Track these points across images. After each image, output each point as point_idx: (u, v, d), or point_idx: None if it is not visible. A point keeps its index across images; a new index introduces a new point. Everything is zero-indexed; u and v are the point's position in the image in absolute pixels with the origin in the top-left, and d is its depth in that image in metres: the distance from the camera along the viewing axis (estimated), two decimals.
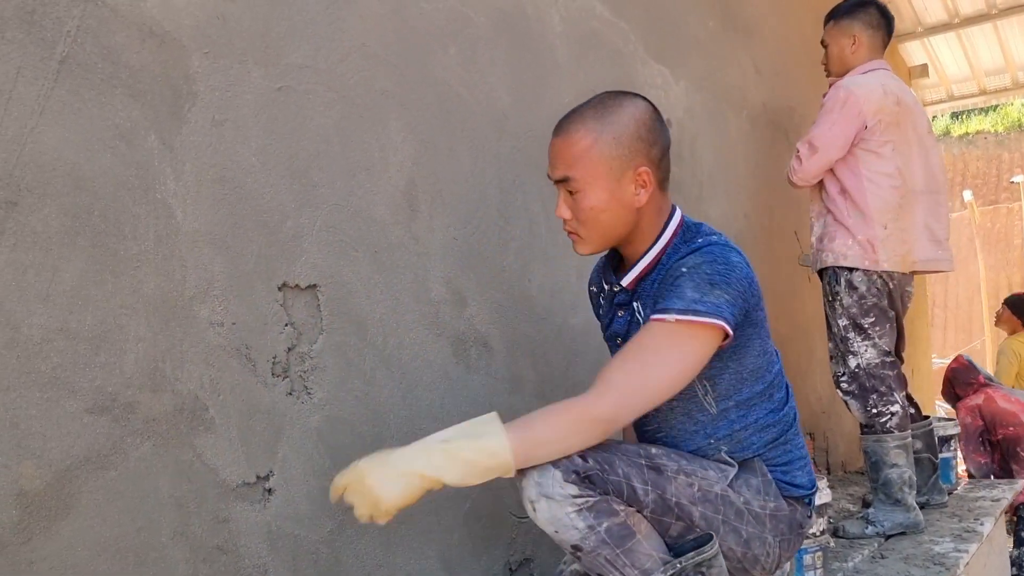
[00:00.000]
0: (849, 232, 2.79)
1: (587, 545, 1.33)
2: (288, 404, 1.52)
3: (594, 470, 1.34)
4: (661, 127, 1.55)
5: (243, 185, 1.48)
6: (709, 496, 1.45)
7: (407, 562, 1.72)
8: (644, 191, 1.50)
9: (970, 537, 2.64)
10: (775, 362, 1.61)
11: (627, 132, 1.48)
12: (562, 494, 1.31)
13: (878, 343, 2.76)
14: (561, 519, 1.32)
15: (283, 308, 1.53)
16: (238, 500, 1.42)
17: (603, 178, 1.47)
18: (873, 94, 2.77)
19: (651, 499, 1.39)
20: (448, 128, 1.94)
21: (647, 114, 1.53)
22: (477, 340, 1.96)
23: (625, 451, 1.41)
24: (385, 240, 1.75)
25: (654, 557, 1.35)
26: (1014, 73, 6.46)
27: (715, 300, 1.38)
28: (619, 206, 1.50)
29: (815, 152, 2.78)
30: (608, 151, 1.47)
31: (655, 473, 1.41)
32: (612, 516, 1.34)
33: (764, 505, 1.51)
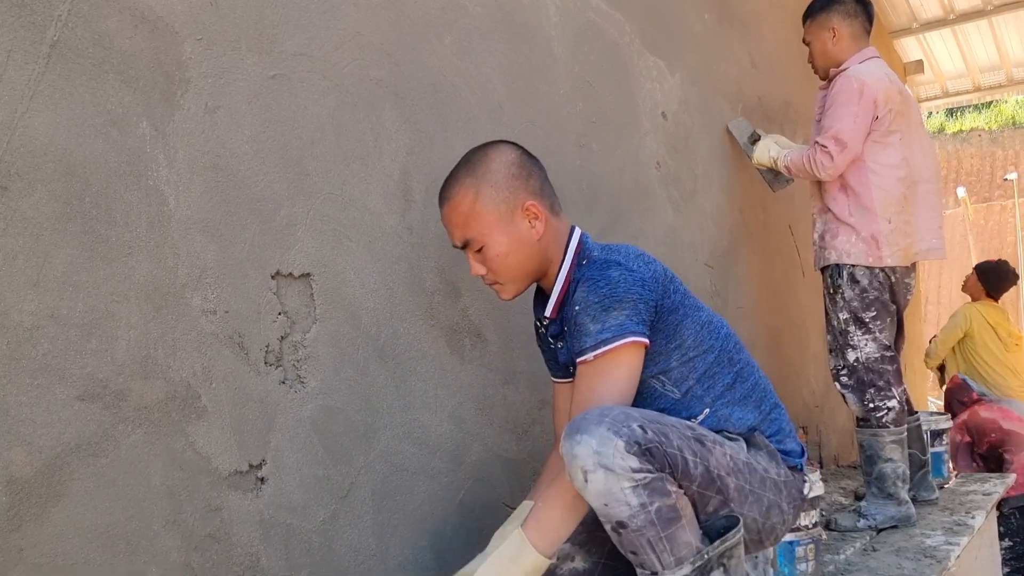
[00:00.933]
0: (852, 229, 2.78)
1: (634, 524, 1.30)
2: (281, 393, 1.52)
3: (654, 442, 1.32)
4: (530, 161, 1.65)
5: (236, 173, 1.48)
6: (739, 465, 1.47)
7: (400, 551, 1.72)
8: (538, 222, 1.59)
9: (961, 530, 2.65)
10: (719, 328, 1.63)
11: (500, 176, 1.58)
12: (623, 466, 1.28)
13: (878, 337, 2.76)
14: (615, 493, 1.29)
15: (276, 297, 1.53)
16: (230, 488, 1.42)
17: (496, 225, 1.57)
18: (882, 83, 2.76)
19: (699, 472, 1.38)
20: (443, 118, 1.93)
21: (512, 154, 1.62)
22: (471, 331, 1.96)
23: (674, 424, 1.42)
24: (379, 229, 1.74)
25: (691, 545, 1.34)
26: (1009, 70, 6.47)
27: (615, 321, 1.46)
28: (521, 244, 1.59)
29: (844, 147, 2.73)
30: (491, 200, 1.56)
31: (699, 444, 1.41)
32: (665, 497, 1.32)
33: (778, 473, 1.56)
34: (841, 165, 2.77)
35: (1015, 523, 4.03)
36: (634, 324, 1.47)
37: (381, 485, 1.69)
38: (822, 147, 2.78)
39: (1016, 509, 4.01)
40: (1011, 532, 4.05)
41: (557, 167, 2.30)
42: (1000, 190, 16.65)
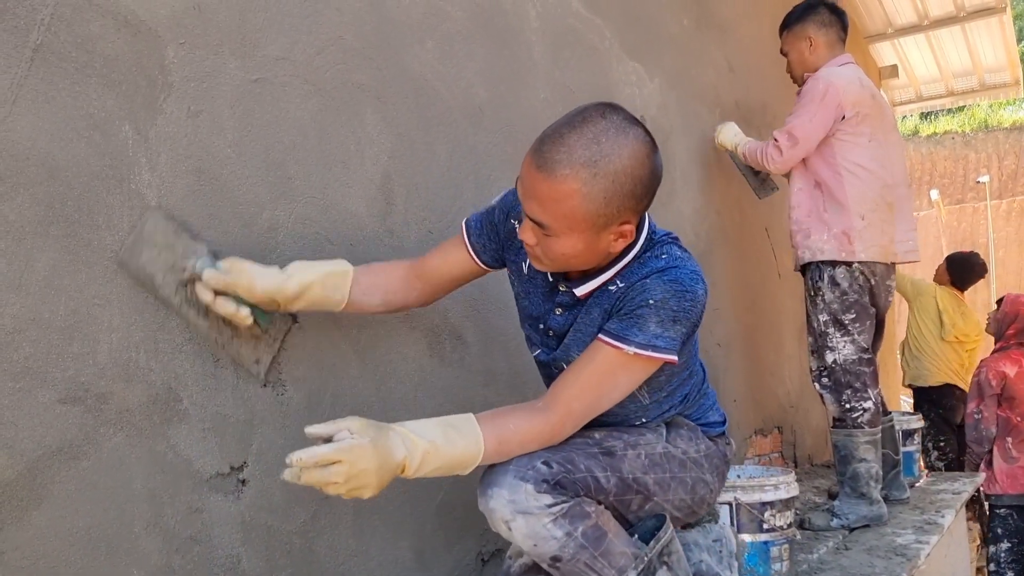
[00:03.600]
0: (826, 225, 2.84)
1: (566, 554, 1.34)
2: (262, 396, 1.53)
3: (561, 474, 1.35)
4: (655, 173, 1.37)
5: (219, 177, 1.48)
6: (655, 459, 1.51)
7: (380, 552, 1.73)
8: (622, 240, 1.40)
9: (931, 529, 2.70)
10: (696, 348, 1.66)
11: (620, 190, 1.31)
12: (538, 506, 1.32)
13: (857, 339, 2.81)
14: (539, 532, 1.32)
15: None
16: (212, 491, 1.43)
17: (581, 232, 1.34)
18: (851, 85, 2.82)
19: (613, 484, 1.43)
20: (424, 122, 1.94)
21: (645, 165, 1.34)
22: (451, 333, 1.97)
23: (575, 444, 1.43)
24: (360, 233, 1.76)
25: (627, 554, 1.39)
26: (981, 75, 6.58)
27: (673, 335, 1.40)
28: (593, 254, 1.40)
29: (795, 144, 2.83)
30: (594, 209, 1.31)
31: (609, 457, 1.45)
32: (585, 519, 1.36)
33: (698, 449, 1.60)
34: (790, 160, 2.90)
35: (1012, 524, 4.02)
36: (679, 345, 1.42)
37: None
38: (774, 141, 2.93)
39: (1014, 509, 4.02)
40: (1009, 533, 4.04)
41: None
42: (973, 192, 16.88)
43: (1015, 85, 6.68)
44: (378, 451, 1.23)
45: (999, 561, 3.98)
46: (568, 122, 1.32)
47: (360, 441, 1.21)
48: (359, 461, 1.20)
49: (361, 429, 1.23)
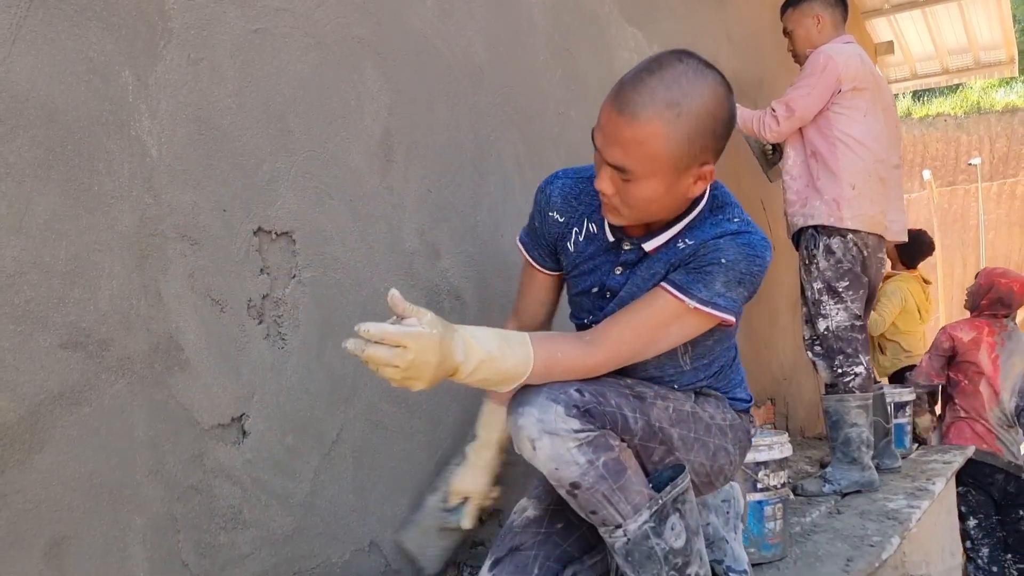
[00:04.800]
0: (818, 193, 2.88)
1: (586, 481, 1.34)
2: (263, 348, 1.52)
3: (592, 403, 1.36)
4: (732, 114, 1.38)
5: (219, 126, 1.47)
6: (683, 416, 1.51)
7: (379, 507, 1.74)
8: (702, 183, 1.39)
9: (922, 495, 2.73)
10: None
11: (702, 129, 1.31)
12: (566, 429, 1.32)
13: (850, 307, 2.84)
14: (563, 455, 1.33)
15: (258, 253, 1.52)
16: (213, 441, 1.42)
17: (664, 174, 1.33)
18: (852, 60, 2.85)
19: (640, 426, 1.42)
20: (425, 79, 1.93)
21: (723, 106, 1.34)
22: (450, 293, 1.97)
23: (610, 382, 1.44)
24: (360, 189, 1.74)
25: (643, 493, 1.39)
26: (976, 53, 6.57)
27: (736, 297, 1.41)
28: (673, 199, 1.40)
29: (792, 115, 2.89)
30: (677, 149, 1.31)
31: (639, 401, 1.45)
32: (609, 451, 1.36)
33: (724, 418, 1.60)
34: (786, 131, 2.95)
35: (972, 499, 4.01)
36: (741, 306, 1.45)
37: (361, 443, 1.71)
38: (772, 111, 2.95)
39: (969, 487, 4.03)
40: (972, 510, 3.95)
41: (536, 134, 2.31)
42: (964, 174, 16.93)
43: (1010, 63, 6.68)
44: (442, 348, 1.22)
45: (972, 537, 4.01)
46: (646, 67, 1.32)
47: (430, 332, 1.21)
48: (424, 352, 1.20)
49: (432, 322, 1.23)
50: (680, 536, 1.40)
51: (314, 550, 1.59)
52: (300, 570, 1.57)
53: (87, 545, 1.24)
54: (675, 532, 1.39)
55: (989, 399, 4.04)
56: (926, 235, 4.99)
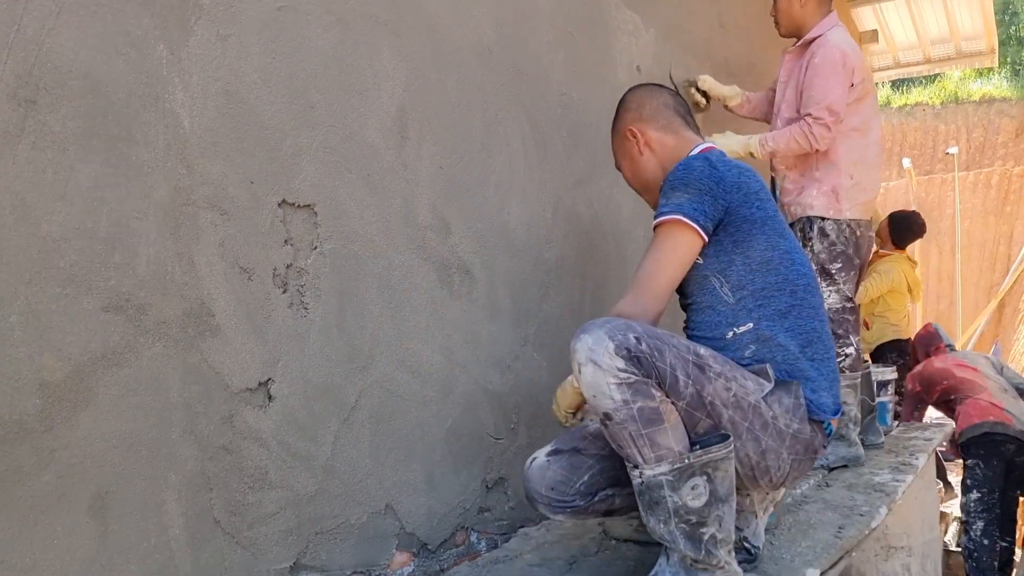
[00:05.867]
0: (817, 183, 2.91)
1: (617, 416, 1.44)
2: (288, 316, 1.57)
3: (644, 353, 1.45)
4: (649, 93, 1.97)
5: (246, 100, 1.51)
6: (742, 404, 1.56)
7: (394, 472, 1.80)
8: (641, 142, 1.91)
9: (906, 469, 2.83)
10: (795, 264, 1.70)
11: (618, 113, 1.98)
12: (609, 364, 1.43)
13: (842, 288, 2.91)
14: (601, 387, 1.43)
15: (283, 224, 1.57)
16: (242, 404, 1.48)
17: (618, 150, 1.99)
18: (856, 52, 2.89)
19: (689, 392, 1.50)
20: (437, 58, 1.98)
21: (632, 94, 1.98)
22: (460, 267, 2.03)
23: (677, 345, 1.53)
24: (377, 164, 1.80)
25: (673, 449, 1.45)
26: (958, 43, 6.68)
27: (676, 201, 1.66)
28: (631, 161, 1.95)
29: (837, 118, 2.81)
30: (613, 134, 2.00)
31: (698, 371, 1.52)
32: (648, 399, 1.44)
33: (789, 424, 1.61)
34: (836, 134, 2.85)
35: (980, 473, 4.17)
36: (691, 208, 1.63)
37: (378, 409, 1.77)
38: (817, 119, 2.83)
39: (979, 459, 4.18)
40: (977, 483, 4.18)
41: (540, 115, 2.37)
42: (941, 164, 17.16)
43: (990, 54, 6.80)
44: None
45: (969, 511, 4.14)
46: None
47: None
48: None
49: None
50: (700, 497, 1.46)
51: (335, 511, 1.66)
52: (322, 530, 1.63)
53: (128, 501, 1.29)
54: (695, 492, 1.46)
55: (974, 377, 4.19)
56: (919, 217, 5.11)
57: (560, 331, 2.37)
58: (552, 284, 2.37)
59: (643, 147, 1.91)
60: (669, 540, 1.47)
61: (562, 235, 2.42)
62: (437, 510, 1.92)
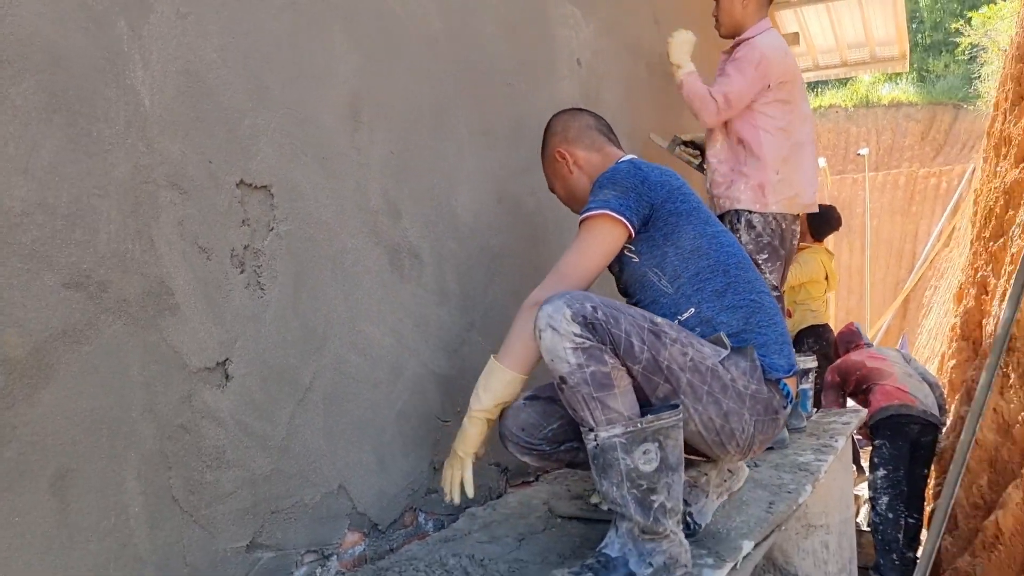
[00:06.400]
0: (744, 177, 3.05)
1: (571, 380, 1.52)
2: (245, 296, 1.58)
3: (600, 320, 1.53)
4: (571, 117, 2.11)
5: (205, 80, 1.51)
6: (700, 367, 1.64)
7: (346, 453, 1.82)
8: (570, 161, 2.06)
9: (827, 451, 2.98)
10: (724, 245, 1.82)
11: (545, 139, 2.13)
12: (566, 330, 1.51)
13: (768, 277, 3.04)
14: (558, 351, 1.52)
15: (241, 204, 1.58)
16: (200, 383, 1.48)
17: (550, 174, 2.14)
18: (783, 57, 3.03)
19: (645, 357, 1.57)
20: (388, 45, 2.00)
21: (555, 120, 2.13)
22: (410, 252, 2.05)
23: (633, 314, 1.61)
24: (331, 148, 1.81)
25: (623, 414, 1.52)
26: (872, 48, 6.99)
27: (603, 197, 1.79)
28: (564, 180, 2.10)
29: (729, 107, 3.01)
30: (543, 159, 2.15)
31: (654, 337, 1.60)
32: (600, 364, 1.51)
33: (747, 385, 1.70)
34: (720, 120, 3.09)
35: (886, 452, 4.43)
36: (617, 203, 1.76)
37: (331, 391, 1.78)
38: (713, 99, 3.06)
39: (885, 439, 4.43)
40: (884, 461, 4.44)
41: (486, 104, 2.41)
42: (853, 164, 17.89)
43: (902, 59, 7.13)
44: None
45: (876, 487, 4.38)
46: None
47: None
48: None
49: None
50: (651, 463, 1.53)
51: (289, 491, 1.67)
52: (277, 509, 1.64)
53: (88, 479, 1.29)
54: (647, 457, 1.53)
55: (882, 365, 4.44)
56: (835, 211, 5.37)
57: (505, 317, 2.42)
58: (498, 271, 2.42)
59: (572, 166, 2.06)
60: (621, 504, 1.54)
61: (507, 223, 2.47)
62: (387, 491, 1.95)
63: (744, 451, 1.78)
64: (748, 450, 1.78)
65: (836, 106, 19.78)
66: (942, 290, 11.12)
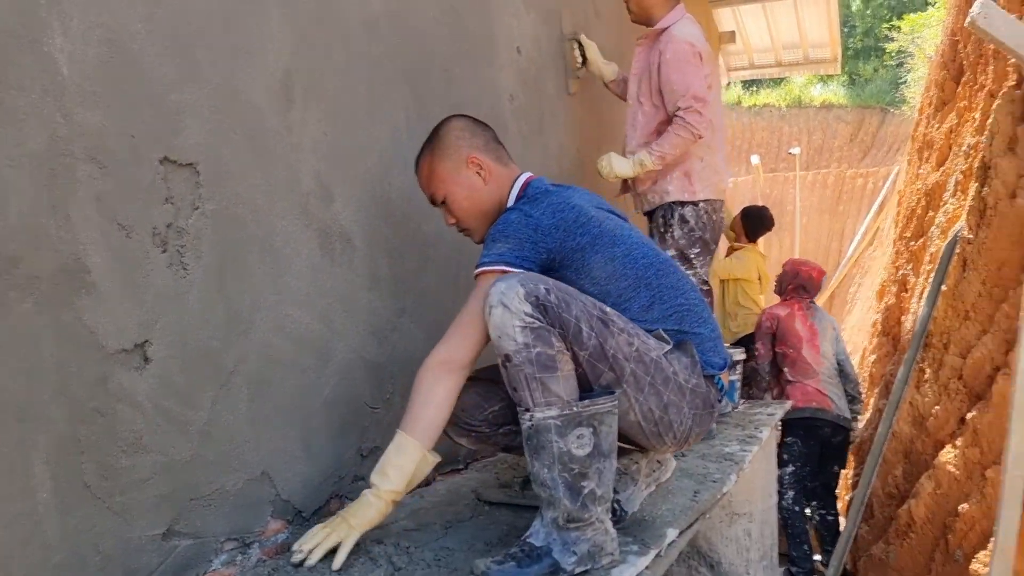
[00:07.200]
0: (668, 169, 3.07)
1: (516, 359, 1.52)
2: (167, 276, 1.53)
3: (552, 303, 1.54)
4: (474, 124, 1.94)
5: (129, 51, 1.45)
6: (644, 358, 1.66)
7: (271, 439, 1.78)
8: (483, 171, 1.89)
9: (752, 441, 3.05)
10: (636, 259, 1.81)
11: (448, 141, 1.89)
12: (518, 308, 1.51)
13: (699, 272, 3.08)
14: (506, 327, 1.52)
15: (164, 181, 1.52)
16: (116, 365, 1.43)
17: (450, 179, 1.88)
18: (703, 43, 3.04)
19: (592, 344, 1.58)
20: (324, 25, 1.96)
21: (457, 122, 1.92)
22: (341, 235, 2.02)
23: (584, 300, 1.61)
24: (262, 126, 1.76)
25: (562, 398, 1.53)
26: (806, 49, 7.16)
27: (496, 251, 1.72)
28: (472, 191, 1.89)
29: (704, 102, 2.95)
30: (442, 159, 1.88)
31: (603, 325, 1.61)
32: (547, 346, 1.52)
33: (688, 380, 1.74)
34: (708, 119, 2.99)
35: (796, 449, 4.56)
36: (512, 255, 1.70)
37: (257, 375, 1.74)
38: (687, 109, 2.96)
39: (798, 437, 4.55)
40: (793, 458, 4.57)
41: (424, 89, 2.38)
42: (784, 163, 18.31)
43: (833, 62, 7.33)
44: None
45: (783, 483, 4.52)
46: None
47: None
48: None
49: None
50: (585, 447, 1.54)
51: (210, 477, 1.63)
52: (196, 496, 1.60)
53: None
54: (581, 441, 1.54)
55: (814, 360, 4.54)
56: (768, 211, 5.46)
57: (437, 304, 2.40)
58: (430, 257, 2.40)
59: (488, 177, 1.89)
60: (551, 487, 1.54)
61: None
62: (313, 478, 1.92)
63: (680, 443, 1.82)
64: (684, 442, 1.82)
65: (771, 105, 20.22)
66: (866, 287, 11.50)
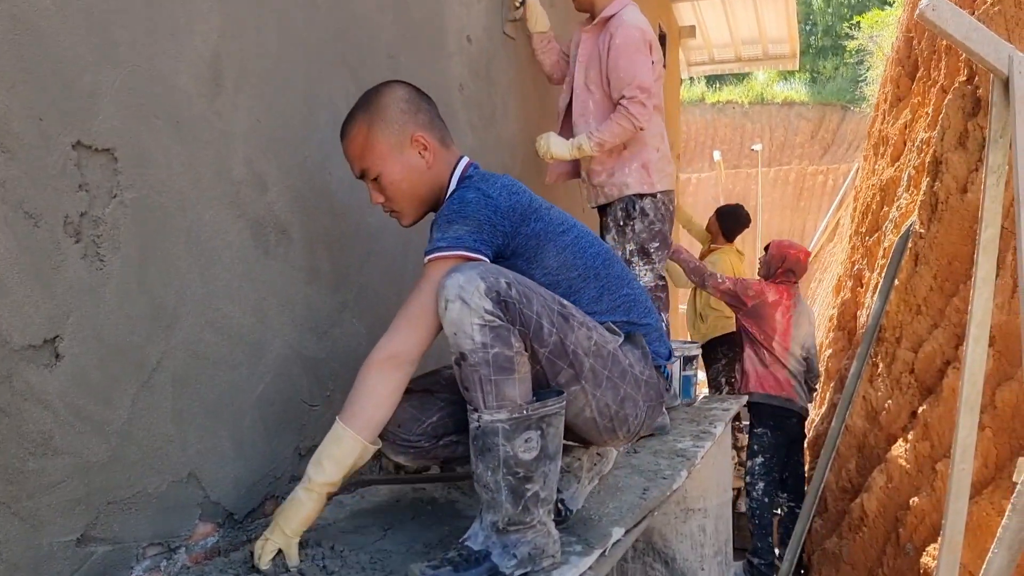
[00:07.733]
0: (626, 161, 3.03)
1: (472, 358, 1.44)
2: (80, 268, 1.44)
3: (513, 298, 1.46)
4: (419, 97, 1.80)
5: (37, 28, 1.37)
6: (602, 352, 1.62)
7: (199, 439, 1.71)
8: (427, 152, 1.77)
9: (705, 437, 3.03)
10: (584, 249, 1.77)
11: (390, 111, 1.74)
12: (478, 304, 1.43)
13: (656, 267, 3.05)
14: (464, 325, 1.43)
15: (77, 168, 1.44)
16: (23, 362, 1.34)
17: (389, 155, 1.75)
18: (651, 31, 3.00)
19: (553, 340, 1.53)
20: (258, 6, 1.88)
21: (402, 91, 1.78)
22: (276, 226, 1.94)
23: (543, 294, 1.55)
24: (188, 111, 1.68)
25: (515, 401, 1.48)
26: (765, 45, 7.19)
27: (454, 234, 1.60)
28: (412, 172, 1.77)
29: (649, 94, 2.92)
30: (382, 132, 1.74)
31: (563, 320, 1.55)
32: (506, 347, 1.45)
33: (642, 372, 1.72)
34: (651, 111, 2.96)
35: (766, 440, 4.54)
36: (471, 240, 1.60)
37: (182, 372, 1.66)
38: (631, 99, 2.91)
39: (768, 428, 4.53)
40: (763, 448, 4.56)
41: (366, 76, 2.31)
42: (747, 159, 18.46)
43: (792, 58, 7.36)
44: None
45: (753, 473, 4.51)
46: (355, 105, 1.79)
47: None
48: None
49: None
50: (531, 451, 1.49)
51: (130, 479, 1.55)
52: (115, 499, 1.52)
53: None
54: (528, 445, 1.48)
55: (781, 354, 4.52)
56: (743, 209, 5.43)
57: (380, 298, 2.34)
58: (374, 250, 2.33)
59: (431, 160, 1.78)
60: (494, 489, 1.49)
61: None
62: (245, 479, 1.84)
63: (631, 437, 1.80)
64: (635, 436, 1.80)
65: (733, 102, 20.38)
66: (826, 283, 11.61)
